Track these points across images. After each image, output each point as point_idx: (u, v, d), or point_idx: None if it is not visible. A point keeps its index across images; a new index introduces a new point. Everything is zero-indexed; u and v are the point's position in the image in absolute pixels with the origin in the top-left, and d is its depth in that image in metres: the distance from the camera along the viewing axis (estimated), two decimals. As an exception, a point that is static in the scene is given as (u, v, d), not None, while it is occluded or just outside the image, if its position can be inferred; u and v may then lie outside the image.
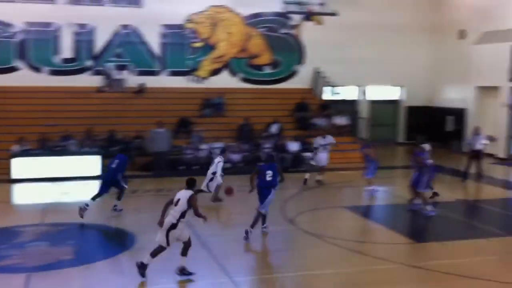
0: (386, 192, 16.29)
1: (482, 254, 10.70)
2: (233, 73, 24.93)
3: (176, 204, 8.84)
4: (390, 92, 28.01)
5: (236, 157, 19.52)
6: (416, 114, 27.29)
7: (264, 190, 11.30)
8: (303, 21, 24.66)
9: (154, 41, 23.73)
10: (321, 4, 19.31)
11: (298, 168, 19.41)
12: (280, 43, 25.21)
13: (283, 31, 25.25)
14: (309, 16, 20.74)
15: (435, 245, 11.12)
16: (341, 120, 22.97)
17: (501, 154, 22.29)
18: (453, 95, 25.78)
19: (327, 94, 25.41)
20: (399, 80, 27.14)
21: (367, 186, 15.64)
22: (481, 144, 17.47)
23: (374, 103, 27.20)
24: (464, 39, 24.97)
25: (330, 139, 17.40)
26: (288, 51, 25.38)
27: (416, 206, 13.63)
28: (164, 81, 23.65)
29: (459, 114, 24.95)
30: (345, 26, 24.90)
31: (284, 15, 24.42)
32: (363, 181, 16.20)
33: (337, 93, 25.43)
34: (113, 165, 13.06)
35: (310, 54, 25.34)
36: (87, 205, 12.52)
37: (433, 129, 25.24)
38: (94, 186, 14.15)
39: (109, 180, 13.10)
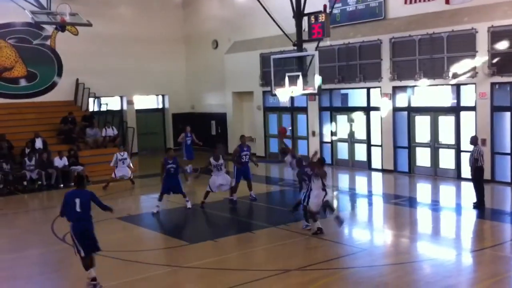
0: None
1: (249, 246, 11.56)
2: (-17, 87, 22.76)
3: None
4: (155, 101, 28.51)
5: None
6: (182, 121, 28.16)
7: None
8: (56, 32, 23.61)
9: None
10: (73, 15, 18.76)
11: (68, 184, 18.70)
12: (35, 54, 23.81)
13: (37, 42, 23.92)
14: (62, 26, 19.87)
15: (208, 244, 11.63)
16: (108, 131, 22.64)
17: (261, 152, 24.20)
18: (213, 101, 27.25)
19: (92, 105, 24.84)
20: (163, 88, 27.84)
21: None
22: None
23: (141, 112, 27.38)
24: (218, 49, 26.59)
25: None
26: (45, 62, 24.09)
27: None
28: None
29: (220, 119, 26.47)
30: (103, 38, 24.80)
31: (36, 26, 22.99)
32: (136, 190, 16.38)
33: (104, 104, 24.99)
34: None
35: (70, 66, 24.45)
36: None
37: (199, 134, 26.28)
38: None
39: None
